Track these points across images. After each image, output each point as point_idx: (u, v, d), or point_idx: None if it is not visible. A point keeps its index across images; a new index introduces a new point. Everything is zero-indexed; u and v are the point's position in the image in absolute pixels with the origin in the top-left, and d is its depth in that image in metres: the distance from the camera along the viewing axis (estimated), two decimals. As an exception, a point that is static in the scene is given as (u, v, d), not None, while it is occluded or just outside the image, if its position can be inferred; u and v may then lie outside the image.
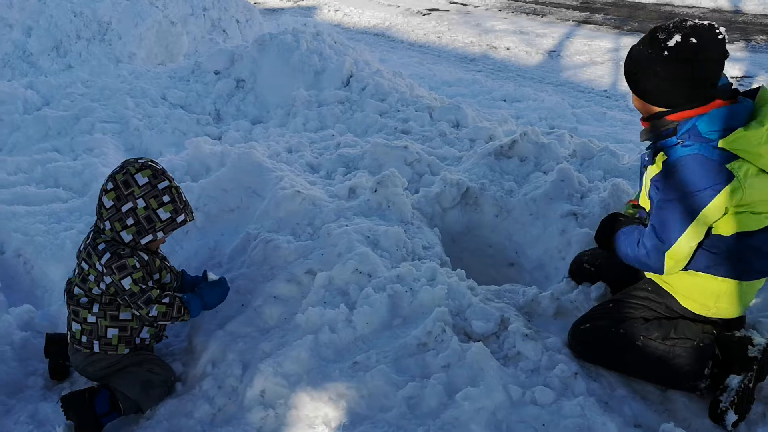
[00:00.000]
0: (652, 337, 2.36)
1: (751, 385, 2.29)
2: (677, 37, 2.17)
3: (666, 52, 2.19)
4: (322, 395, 2.39)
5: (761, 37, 10.41)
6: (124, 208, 2.54)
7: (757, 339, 2.35)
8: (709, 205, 2.16)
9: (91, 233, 2.67)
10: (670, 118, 2.26)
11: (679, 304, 2.42)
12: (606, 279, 2.74)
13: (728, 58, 2.22)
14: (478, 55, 10.01)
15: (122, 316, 2.64)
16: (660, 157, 2.28)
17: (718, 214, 2.19)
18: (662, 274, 2.34)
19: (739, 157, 2.15)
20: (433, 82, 8.07)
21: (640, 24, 11.30)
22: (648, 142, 2.40)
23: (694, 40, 2.16)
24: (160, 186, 2.57)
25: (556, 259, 3.21)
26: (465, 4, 13.39)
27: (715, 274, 2.31)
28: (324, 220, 3.15)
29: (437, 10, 12.99)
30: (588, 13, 12.30)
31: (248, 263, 3.10)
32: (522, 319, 2.64)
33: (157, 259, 2.70)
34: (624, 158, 3.68)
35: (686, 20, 2.23)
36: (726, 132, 2.15)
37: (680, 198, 2.20)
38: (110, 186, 2.55)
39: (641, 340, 2.37)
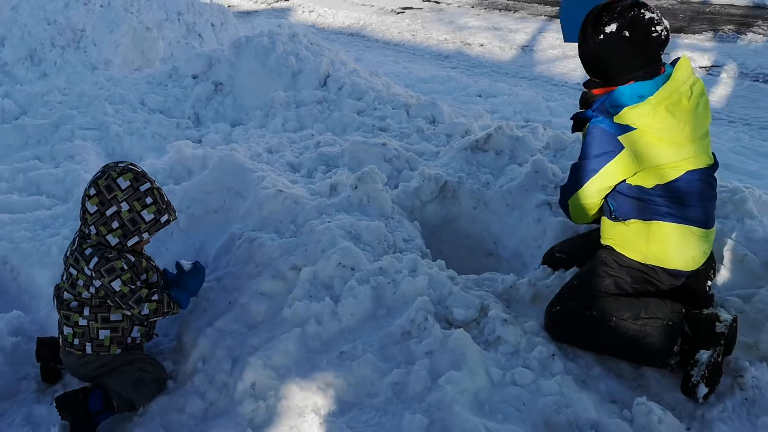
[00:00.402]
0: (624, 318, 2.47)
1: (719, 359, 2.41)
2: (613, 26, 2.38)
3: (601, 36, 2.41)
4: (311, 385, 2.46)
5: (728, 26, 10.62)
6: (108, 212, 2.60)
7: (724, 315, 2.47)
8: (602, 170, 2.49)
9: (77, 238, 2.73)
10: (594, 92, 2.57)
11: (624, 256, 2.58)
12: (579, 264, 2.85)
13: (695, 47, 2.40)
14: (452, 52, 10.12)
15: (113, 317, 2.70)
16: (586, 127, 2.56)
17: (616, 176, 2.48)
18: (571, 220, 2.77)
19: (635, 129, 2.38)
20: (409, 79, 8.16)
21: (611, 17, 11.45)
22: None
23: (626, 34, 2.38)
24: (142, 188, 2.64)
25: (532, 248, 3.32)
26: (438, 2, 13.51)
27: (641, 219, 2.52)
28: (306, 217, 3.23)
29: (411, 8, 13.10)
30: (559, 8, 12.46)
31: (234, 262, 3.17)
32: (501, 305, 2.74)
33: (143, 260, 2.77)
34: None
35: (636, 6, 2.39)
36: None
37: (583, 160, 2.53)
38: (93, 191, 2.62)
39: (613, 321, 2.48)
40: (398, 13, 12.70)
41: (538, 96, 7.50)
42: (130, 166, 2.69)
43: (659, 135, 2.38)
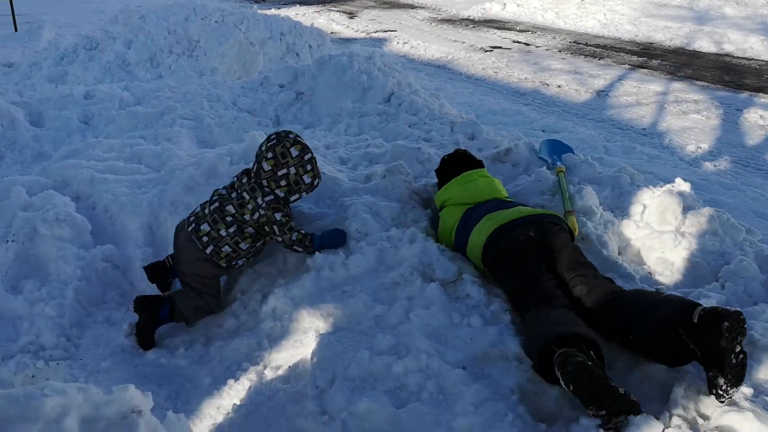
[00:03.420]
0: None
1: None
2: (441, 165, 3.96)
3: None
4: (317, 312, 3.17)
5: (811, 89, 10.72)
6: (280, 173, 3.36)
7: None
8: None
9: (245, 177, 3.45)
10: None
11: None
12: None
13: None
14: (529, 90, 10.64)
15: (241, 245, 3.45)
16: None
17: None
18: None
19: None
20: (480, 110, 8.69)
21: (695, 71, 11.65)
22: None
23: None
24: (306, 157, 3.40)
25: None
26: (527, 44, 14.08)
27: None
28: (341, 194, 3.96)
29: (500, 47, 13.72)
30: (645, 59, 12.75)
31: (278, 224, 3.93)
32: (476, 272, 3.36)
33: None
34: (597, 168, 4.35)
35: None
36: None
37: None
38: (270, 155, 3.35)
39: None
40: (486, 51, 13.35)
41: (599, 136, 7.90)
42: (298, 139, 3.42)
43: (452, 198, 3.72)
